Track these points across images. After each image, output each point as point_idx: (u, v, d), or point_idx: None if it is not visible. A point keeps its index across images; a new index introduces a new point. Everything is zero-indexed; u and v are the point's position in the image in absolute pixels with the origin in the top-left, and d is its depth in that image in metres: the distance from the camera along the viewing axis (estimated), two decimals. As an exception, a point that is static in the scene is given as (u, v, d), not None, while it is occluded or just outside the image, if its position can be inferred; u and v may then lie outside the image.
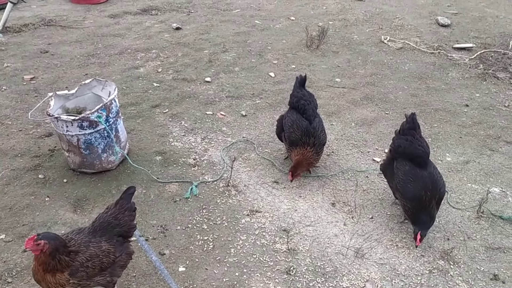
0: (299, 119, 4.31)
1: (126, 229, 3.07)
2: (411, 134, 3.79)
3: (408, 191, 3.65)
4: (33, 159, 4.44)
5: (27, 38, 6.95)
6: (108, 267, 2.94)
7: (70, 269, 2.75)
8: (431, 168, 3.75)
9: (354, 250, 3.64)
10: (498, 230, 3.89)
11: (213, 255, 3.56)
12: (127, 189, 3.20)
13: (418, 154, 3.75)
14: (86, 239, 2.91)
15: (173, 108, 5.37)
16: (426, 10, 8.64)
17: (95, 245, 2.90)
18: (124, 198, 3.13)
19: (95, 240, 2.93)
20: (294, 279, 3.40)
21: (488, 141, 5.04)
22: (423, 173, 3.67)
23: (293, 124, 4.29)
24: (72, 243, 2.81)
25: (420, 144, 3.77)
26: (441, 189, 3.65)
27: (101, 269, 2.91)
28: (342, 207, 4.08)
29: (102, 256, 2.89)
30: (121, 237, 3.05)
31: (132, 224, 3.12)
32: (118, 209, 3.05)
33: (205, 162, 4.55)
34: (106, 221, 2.99)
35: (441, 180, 3.71)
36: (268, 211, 4.00)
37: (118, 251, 2.99)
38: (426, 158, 3.78)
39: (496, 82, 6.31)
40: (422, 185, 3.59)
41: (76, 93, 4.38)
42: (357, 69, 6.50)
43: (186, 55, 6.67)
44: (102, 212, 3.08)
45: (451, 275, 3.46)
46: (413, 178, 3.65)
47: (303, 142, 4.21)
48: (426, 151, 3.78)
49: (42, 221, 3.76)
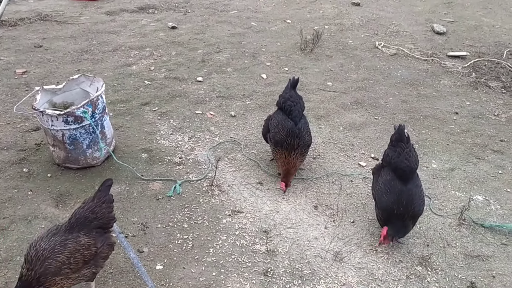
0: (284, 119, 4.32)
1: (104, 221, 3.10)
2: (400, 146, 3.74)
3: (382, 201, 3.63)
4: (19, 153, 4.44)
5: (22, 32, 6.97)
6: (91, 259, 2.99)
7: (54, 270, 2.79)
8: (413, 184, 3.64)
9: (333, 253, 3.64)
10: (478, 238, 3.89)
11: (191, 254, 3.56)
12: (104, 181, 3.23)
13: (402, 167, 3.65)
14: (63, 238, 2.91)
15: (163, 107, 5.38)
16: (423, 17, 8.66)
17: (73, 242, 2.92)
18: (101, 190, 3.16)
19: (72, 236, 2.94)
20: (271, 281, 3.40)
21: (475, 149, 5.04)
22: (401, 188, 3.59)
23: (279, 125, 4.30)
24: (43, 252, 2.80)
25: (407, 158, 3.66)
26: (415, 208, 3.55)
27: (85, 262, 2.95)
28: (324, 210, 4.09)
29: (83, 250, 2.93)
30: (101, 229, 3.09)
31: (111, 215, 3.15)
32: (96, 203, 3.07)
33: (191, 161, 4.55)
34: (83, 216, 3.01)
35: (419, 200, 3.59)
36: (250, 212, 4.00)
37: (99, 242, 3.03)
38: (409, 173, 3.66)
39: (488, 91, 6.33)
40: (396, 199, 3.53)
41: (64, 88, 4.40)
42: (350, 74, 6.51)
43: (180, 54, 6.68)
44: (79, 207, 3.09)
45: (428, 281, 3.47)
46: (390, 190, 3.60)
47: (287, 143, 4.21)
48: (412, 166, 3.66)
49: (23, 215, 3.76)
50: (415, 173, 3.71)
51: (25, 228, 3.64)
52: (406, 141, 3.76)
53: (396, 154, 3.73)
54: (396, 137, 3.80)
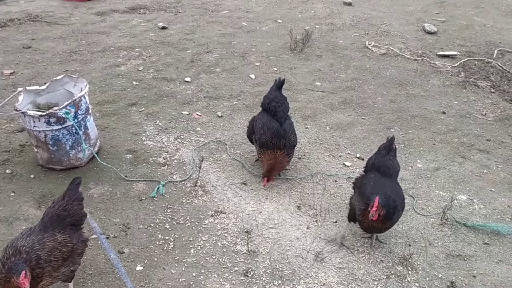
0: (269, 120, 4.32)
1: (77, 217, 3.16)
2: (384, 154, 3.82)
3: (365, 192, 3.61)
4: (3, 154, 4.44)
5: (11, 33, 6.96)
6: (69, 256, 3.01)
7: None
8: (394, 183, 3.69)
9: (315, 253, 3.64)
10: (460, 237, 3.89)
11: (172, 255, 3.56)
12: (73, 180, 3.30)
13: (386, 165, 3.73)
14: (40, 237, 2.92)
15: (150, 107, 5.38)
16: (414, 17, 8.65)
17: (50, 239, 2.93)
18: (71, 189, 3.21)
19: (49, 234, 2.96)
20: (251, 281, 3.40)
21: (461, 149, 5.04)
22: (385, 182, 3.60)
23: (264, 126, 4.30)
24: (23, 248, 2.80)
25: (390, 159, 3.77)
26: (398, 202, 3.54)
27: (63, 259, 2.97)
28: (307, 210, 4.09)
29: (60, 247, 2.95)
30: (73, 226, 3.12)
31: (82, 212, 3.22)
32: (66, 201, 3.11)
33: (175, 161, 4.55)
34: (56, 214, 3.05)
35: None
36: (232, 212, 4.00)
37: (75, 239, 3.06)
38: (391, 172, 3.72)
39: (476, 90, 6.33)
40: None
41: (48, 89, 4.39)
42: (339, 74, 6.51)
43: (169, 54, 6.68)
44: (49, 207, 3.12)
45: (408, 281, 3.47)
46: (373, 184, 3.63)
47: (273, 144, 4.21)
48: (393, 165, 3.75)
49: (4, 216, 3.76)
50: (394, 176, 3.74)
51: (6, 229, 3.64)
52: (392, 152, 3.84)
53: (380, 156, 3.82)
54: (385, 145, 3.87)
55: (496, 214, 4.17)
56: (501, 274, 3.59)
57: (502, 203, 4.30)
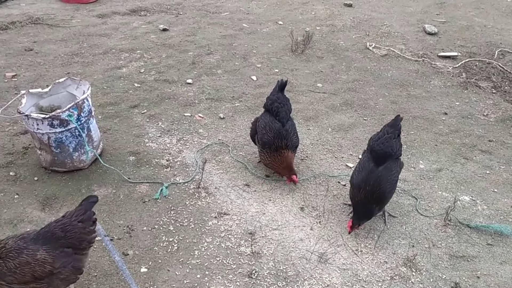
0: (272, 121, 4.34)
1: (75, 241, 2.88)
2: (385, 131, 3.88)
3: (353, 177, 3.82)
4: (6, 156, 4.45)
5: (12, 36, 6.96)
6: (44, 276, 2.80)
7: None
8: (385, 169, 3.74)
9: (318, 255, 3.65)
10: (464, 238, 3.90)
11: (176, 257, 3.57)
12: (88, 196, 3.06)
13: (376, 150, 3.82)
14: (23, 246, 2.80)
15: (152, 109, 5.39)
16: (415, 18, 8.67)
17: (29, 253, 2.78)
18: (82, 205, 2.98)
19: (32, 248, 2.81)
20: (255, 283, 3.40)
21: (463, 150, 5.05)
22: (372, 168, 3.73)
23: (266, 126, 4.32)
24: (3, 250, 2.76)
25: (384, 142, 3.81)
26: (381, 188, 3.66)
27: (34, 277, 2.78)
28: (310, 211, 4.09)
29: (34, 265, 2.77)
30: (71, 249, 2.90)
31: (85, 237, 2.93)
32: (71, 220, 2.89)
33: (178, 163, 4.56)
34: (51, 231, 2.86)
35: (387, 184, 3.70)
36: (236, 214, 4.00)
37: (59, 263, 2.82)
38: (381, 158, 3.78)
39: (478, 91, 6.34)
40: (364, 178, 3.69)
41: (50, 91, 4.40)
42: (340, 75, 6.52)
43: (170, 56, 6.69)
44: (55, 220, 2.96)
45: (412, 282, 3.47)
46: (361, 169, 3.79)
47: (276, 144, 4.22)
48: (386, 150, 3.79)
49: (8, 219, 3.77)
50: (389, 159, 3.80)
51: (10, 231, 3.64)
52: (394, 129, 3.88)
53: (377, 137, 3.90)
54: (391, 123, 3.97)
55: (499, 214, 4.18)
56: (505, 275, 3.59)
57: (505, 204, 4.31)
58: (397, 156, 3.91)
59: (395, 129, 3.92)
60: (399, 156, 3.97)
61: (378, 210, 3.79)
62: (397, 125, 3.95)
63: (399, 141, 3.95)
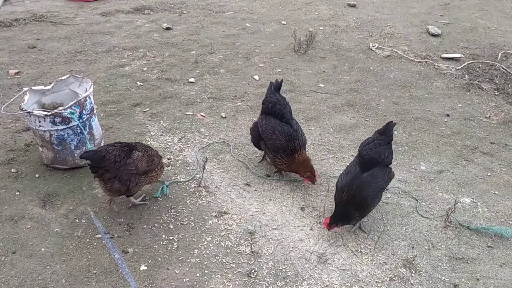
0: (279, 124, 4.30)
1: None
2: (376, 138, 3.85)
3: (339, 180, 3.84)
4: (8, 153, 4.46)
5: (16, 33, 6.99)
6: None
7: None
8: (370, 176, 3.70)
9: (318, 255, 3.65)
10: (464, 240, 3.90)
11: (176, 255, 3.57)
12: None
13: (363, 155, 3.82)
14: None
15: (154, 108, 5.40)
16: (418, 19, 8.65)
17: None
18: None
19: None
20: (254, 282, 3.41)
21: (464, 152, 5.04)
22: (357, 174, 3.71)
23: (275, 131, 4.27)
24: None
25: (372, 148, 3.78)
26: (363, 194, 3.62)
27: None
28: (311, 211, 4.10)
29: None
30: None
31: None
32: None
33: (179, 162, 4.57)
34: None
35: (370, 191, 3.65)
36: (236, 213, 4.01)
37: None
38: (368, 163, 3.75)
39: (480, 93, 6.32)
40: (347, 183, 3.69)
41: (53, 89, 4.42)
42: (342, 75, 6.52)
43: (173, 55, 6.70)
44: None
45: (411, 283, 3.47)
46: (347, 172, 3.80)
47: (290, 147, 4.20)
48: (373, 156, 3.75)
49: (9, 215, 3.78)
50: (376, 165, 3.76)
51: (11, 228, 3.66)
52: (385, 136, 3.83)
53: (366, 142, 3.88)
54: (382, 130, 3.89)
55: (500, 217, 4.17)
56: (504, 277, 3.59)
57: (506, 206, 4.30)
58: (385, 163, 3.83)
59: (386, 136, 3.82)
60: (388, 164, 3.88)
61: (359, 217, 3.76)
62: (388, 132, 3.83)
63: (389, 148, 3.84)
